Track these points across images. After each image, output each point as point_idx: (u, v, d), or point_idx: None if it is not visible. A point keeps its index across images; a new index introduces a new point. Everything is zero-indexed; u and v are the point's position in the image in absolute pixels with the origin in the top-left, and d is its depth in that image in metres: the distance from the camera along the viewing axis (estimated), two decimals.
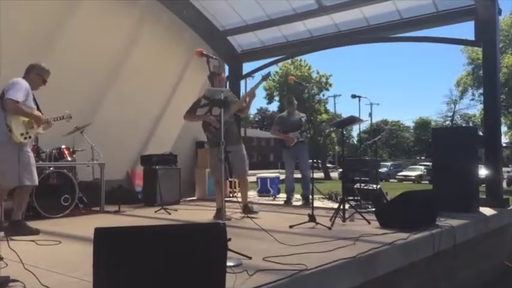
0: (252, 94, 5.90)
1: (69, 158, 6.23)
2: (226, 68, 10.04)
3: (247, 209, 5.71)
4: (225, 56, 9.92)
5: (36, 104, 4.85)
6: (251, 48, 9.89)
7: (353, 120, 5.53)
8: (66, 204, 5.90)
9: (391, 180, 33.51)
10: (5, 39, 6.29)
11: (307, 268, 2.98)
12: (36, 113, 4.72)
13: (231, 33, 9.67)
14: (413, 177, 32.41)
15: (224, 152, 3.35)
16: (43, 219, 5.54)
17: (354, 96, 6.23)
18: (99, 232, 2.17)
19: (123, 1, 8.06)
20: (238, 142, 5.82)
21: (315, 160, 6.00)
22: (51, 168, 5.95)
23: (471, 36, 7.41)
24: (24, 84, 4.60)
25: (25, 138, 4.55)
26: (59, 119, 5.32)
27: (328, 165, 40.75)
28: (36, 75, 4.78)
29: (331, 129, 31.08)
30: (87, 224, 4.90)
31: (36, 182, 4.72)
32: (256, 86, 5.92)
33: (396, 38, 8.58)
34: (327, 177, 35.02)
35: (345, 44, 9.20)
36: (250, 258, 3.27)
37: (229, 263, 3.03)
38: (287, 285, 2.75)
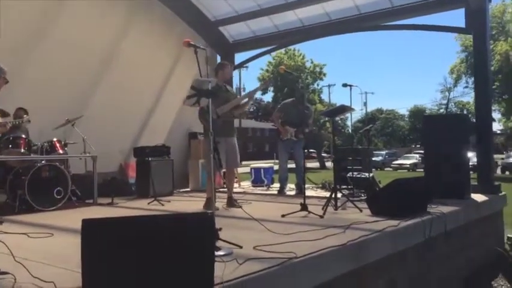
0: (250, 97, 5.98)
1: (60, 151, 6.22)
2: (218, 58, 10.01)
3: (231, 202, 5.74)
4: (217, 47, 9.90)
5: None
6: (243, 39, 9.87)
7: (344, 109, 5.54)
8: (59, 197, 5.89)
9: (386, 168, 33.70)
10: None
11: (296, 256, 3.00)
12: None
13: (222, 24, 9.64)
14: (408, 166, 32.60)
15: (213, 143, 3.35)
16: (36, 212, 5.54)
17: (345, 85, 6.21)
18: (87, 223, 2.18)
19: None
20: (233, 135, 5.86)
21: (307, 150, 5.99)
22: (43, 162, 5.94)
23: (463, 24, 7.43)
24: None
25: None
26: (17, 122, 5.22)
27: (323, 154, 40.86)
28: (2, 78, 4.62)
29: (325, 118, 31.10)
30: (79, 217, 4.79)
31: None
32: (256, 90, 6.02)
33: (387, 26, 8.57)
34: (323, 167, 35.14)
35: (336, 32, 9.18)
36: (241, 247, 3.29)
37: (219, 253, 3.06)
38: (277, 273, 2.77)
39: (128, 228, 2.22)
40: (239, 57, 10.37)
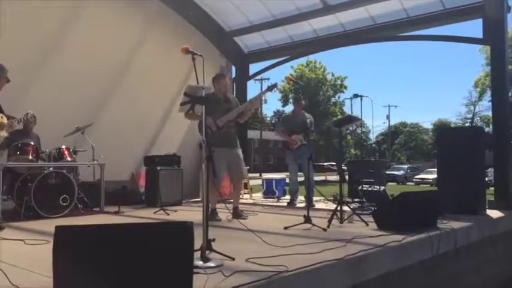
0: (254, 103, 5.89)
1: (68, 158, 6.23)
2: (233, 69, 10.01)
3: (237, 213, 5.65)
4: (232, 57, 9.90)
5: None
6: (257, 49, 9.84)
7: (351, 119, 5.43)
8: (64, 204, 5.88)
9: (408, 183, 33.02)
10: (12, 43, 6.38)
11: (287, 270, 2.89)
12: None
13: (237, 34, 9.63)
14: (430, 180, 31.71)
15: (206, 152, 3.28)
16: (41, 219, 5.54)
17: (356, 96, 6.22)
18: (60, 231, 2.13)
19: (130, 4, 8.08)
20: (236, 146, 5.78)
21: (314, 163, 5.88)
22: (51, 169, 5.96)
23: (481, 35, 7.23)
24: None
25: None
26: (22, 119, 5.19)
27: (344, 167, 40.40)
28: (3, 78, 4.59)
29: (346, 131, 30.86)
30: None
31: None
32: (260, 95, 5.94)
33: (403, 37, 8.43)
34: (343, 180, 34.68)
35: (352, 43, 9.08)
36: (233, 259, 3.20)
37: (208, 264, 2.98)
38: (263, 287, 2.66)
39: (101, 236, 2.16)
40: (254, 68, 10.36)
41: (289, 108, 35.41)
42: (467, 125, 50.14)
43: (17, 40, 6.46)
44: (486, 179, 6.78)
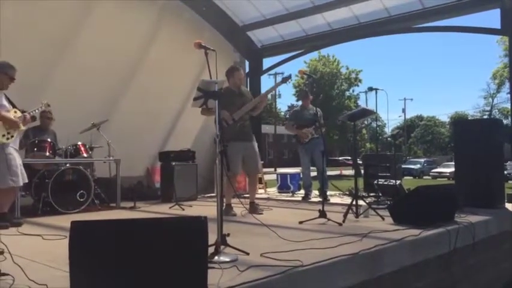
0: (264, 97, 5.88)
1: (85, 155, 6.30)
2: (247, 64, 9.98)
3: (253, 208, 5.64)
4: (246, 52, 9.88)
5: (10, 102, 4.70)
6: (271, 43, 9.81)
7: (364, 112, 5.37)
8: (81, 200, 5.95)
9: (425, 177, 32.69)
10: (24, 39, 6.45)
11: (302, 264, 2.88)
12: (7, 115, 4.55)
13: (250, 29, 9.61)
14: (447, 174, 31.32)
15: (220, 147, 3.27)
16: (59, 215, 5.61)
17: (371, 89, 6.06)
18: (76, 225, 2.14)
19: None
20: (252, 139, 5.76)
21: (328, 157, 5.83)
22: (67, 165, 6.03)
23: (498, 25, 7.09)
24: None
25: (7, 138, 4.52)
26: (37, 110, 5.17)
27: (359, 161, 40.09)
28: (3, 74, 4.54)
29: (361, 125, 30.59)
30: None
31: (20, 183, 4.63)
32: (274, 87, 5.93)
33: (419, 29, 8.29)
34: (359, 174, 34.43)
35: (366, 36, 8.99)
36: (247, 254, 3.19)
37: (224, 259, 2.99)
38: (278, 281, 2.66)
39: (116, 231, 2.17)
40: (267, 62, 10.33)
41: None
42: (485, 117, 49.47)
43: (30, 38, 6.52)
44: (505, 172, 6.66)
